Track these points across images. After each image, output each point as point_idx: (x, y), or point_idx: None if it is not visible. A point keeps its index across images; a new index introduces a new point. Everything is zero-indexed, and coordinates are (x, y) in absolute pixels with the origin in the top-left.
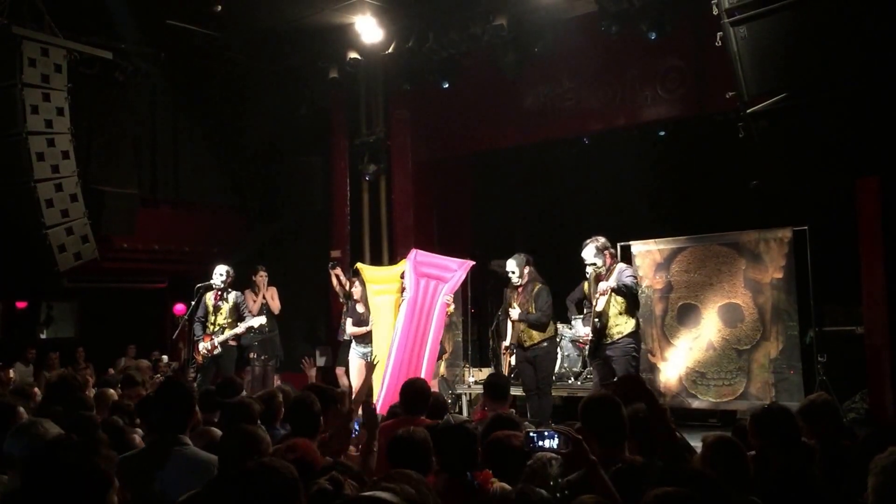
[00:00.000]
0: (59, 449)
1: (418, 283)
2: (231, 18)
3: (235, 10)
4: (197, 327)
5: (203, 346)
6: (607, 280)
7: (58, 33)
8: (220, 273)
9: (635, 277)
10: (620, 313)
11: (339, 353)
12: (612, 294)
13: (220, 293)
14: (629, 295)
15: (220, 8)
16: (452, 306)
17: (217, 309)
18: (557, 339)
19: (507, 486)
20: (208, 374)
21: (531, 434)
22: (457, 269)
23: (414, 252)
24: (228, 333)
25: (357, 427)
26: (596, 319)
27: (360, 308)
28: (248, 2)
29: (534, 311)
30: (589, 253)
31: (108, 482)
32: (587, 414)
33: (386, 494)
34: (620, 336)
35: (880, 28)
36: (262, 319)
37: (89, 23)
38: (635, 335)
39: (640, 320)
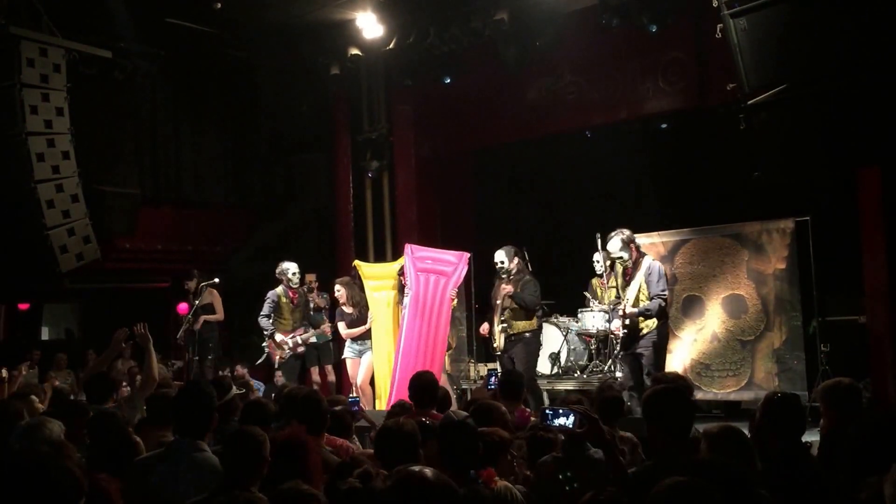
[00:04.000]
0: (29, 458)
1: (418, 279)
2: (231, 16)
3: (235, 7)
4: (264, 322)
5: (287, 341)
6: (633, 275)
7: (56, 33)
8: (293, 272)
9: (665, 281)
10: None
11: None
12: (641, 289)
13: (296, 291)
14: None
15: (219, 5)
16: (455, 301)
17: (295, 307)
18: (558, 333)
19: (510, 485)
20: (293, 372)
21: (547, 411)
22: (457, 262)
23: (408, 248)
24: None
25: (358, 407)
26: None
27: (347, 309)
28: None
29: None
30: (615, 246)
31: (80, 489)
32: (650, 407)
33: (428, 470)
34: (648, 330)
35: (880, 19)
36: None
37: (88, 22)
38: (661, 329)
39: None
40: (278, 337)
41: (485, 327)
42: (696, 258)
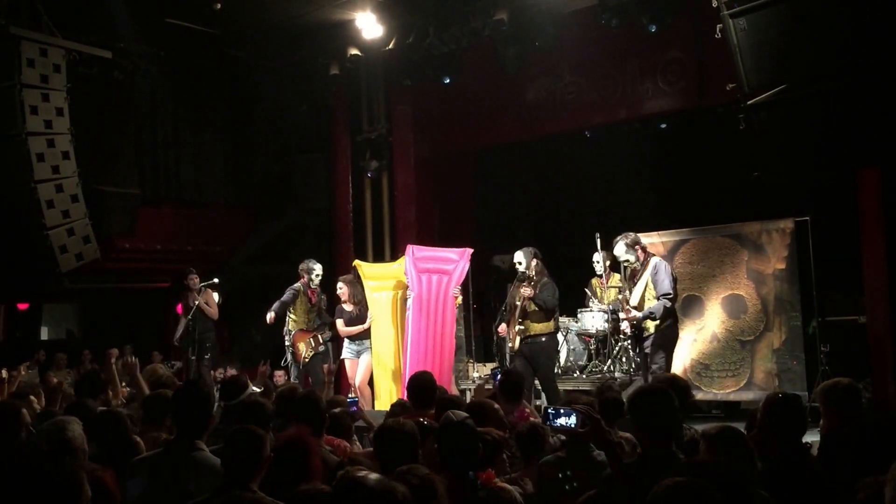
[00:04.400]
0: (29, 459)
1: (420, 280)
2: (231, 16)
3: (235, 7)
4: (277, 303)
5: (310, 338)
6: (641, 275)
7: (56, 33)
8: (317, 273)
9: (671, 280)
10: None
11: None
12: (647, 289)
13: (315, 292)
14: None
15: (219, 5)
16: (460, 298)
17: (312, 307)
18: (559, 336)
19: (509, 486)
20: (316, 370)
21: (549, 411)
22: (458, 260)
23: (410, 248)
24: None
25: (356, 408)
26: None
27: (347, 307)
28: None
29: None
30: (620, 250)
31: (81, 490)
32: (636, 406)
33: (372, 476)
34: (656, 329)
35: (879, 19)
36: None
37: (88, 22)
38: (667, 329)
39: (677, 313)
40: (309, 339)
41: (503, 328)
42: (695, 258)
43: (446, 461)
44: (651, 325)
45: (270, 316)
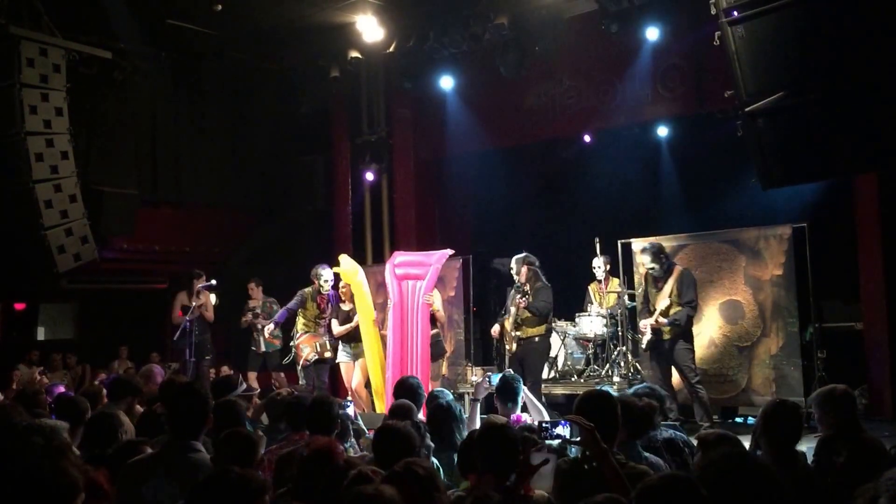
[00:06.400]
0: (23, 454)
1: (400, 287)
2: (231, 18)
3: (236, 9)
4: (281, 314)
5: (317, 343)
6: (666, 281)
7: (56, 33)
8: (327, 278)
9: (694, 289)
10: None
11: (248, 359)
12: (672, 295)
13: (325, 297)
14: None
15: (220, 7)
16: (434, 303)
17: (322, 312)
18: (555, 338)
19: (545, 494)
20: (322, 373)
21: (544, 424)
22: (432, 263)
23: (393, 255)
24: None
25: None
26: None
27: (345, 307)
28: (249, 1)
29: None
30: (646, 258)
31: (75, 488)
32: (583, 408)
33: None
34: (669, 336)
35: (876, 27)
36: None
37: (88, 22)
38: (690, 333)
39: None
40: (316, 343)
41: (496, 329)
42: (693, 264)
43: (489, 465)
44: (667, 330)
45: (270, 328)
